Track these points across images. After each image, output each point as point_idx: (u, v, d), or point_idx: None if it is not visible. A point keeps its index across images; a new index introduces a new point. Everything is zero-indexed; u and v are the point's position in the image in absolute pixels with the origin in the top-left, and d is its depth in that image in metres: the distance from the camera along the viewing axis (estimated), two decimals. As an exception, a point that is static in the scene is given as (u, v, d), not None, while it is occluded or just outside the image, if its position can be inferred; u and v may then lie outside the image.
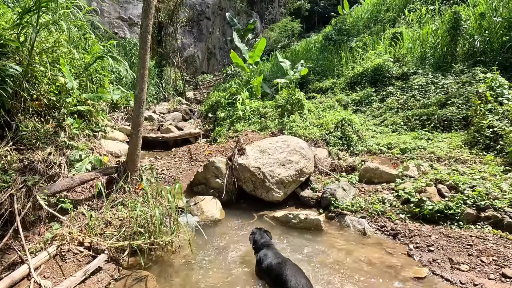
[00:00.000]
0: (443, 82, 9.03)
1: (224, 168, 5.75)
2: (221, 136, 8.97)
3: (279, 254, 3.29)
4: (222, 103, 11.06)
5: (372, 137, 7.99)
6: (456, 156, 5.85)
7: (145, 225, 3.82)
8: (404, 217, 4.51)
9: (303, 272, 2.96)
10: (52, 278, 2.99)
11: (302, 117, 8.77)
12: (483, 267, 3.23)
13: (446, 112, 7.73)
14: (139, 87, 4.36)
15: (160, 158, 7.87)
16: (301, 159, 5.86)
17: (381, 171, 5.71)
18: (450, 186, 4.71)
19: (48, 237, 3.30)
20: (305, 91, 12.27)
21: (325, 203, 5.25)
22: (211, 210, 5.15)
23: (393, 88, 9.95)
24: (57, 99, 4.71)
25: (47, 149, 4.11)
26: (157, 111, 14.48)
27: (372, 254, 3.82)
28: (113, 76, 10.73)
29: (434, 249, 3.70)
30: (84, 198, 4.32)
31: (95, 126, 5.59)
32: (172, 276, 3.44)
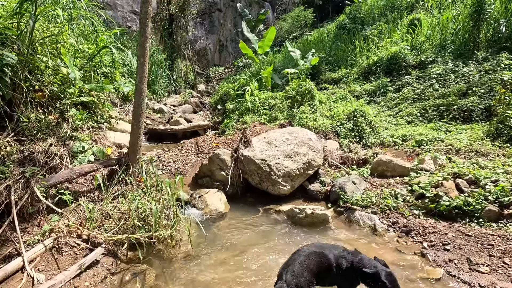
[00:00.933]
0: (464, 71, 8.47)
1: (229, 160, 5.59)
2: (229, 128, 8.82)
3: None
4: (231, 94, 10.87)
5: (386, 128, 7.62)
6: (477, 148, 5.45)
7: (144, 218, 3.72)
8: (418, 213, 4.22)
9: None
10: (47, 271, 2.94)
11: (313, 108, 8.47)
12: (505, 270, 2.94)
13: (467, 102, 7.24)
14: (139, 76, 4.23)
15: (168, 150, 7.81)
16: (309, 151, 5.62)
17: (395, 164, 5.39)
18: (469, 181, 4.37)
19: (46, 229, 3.26)
20: (316, 82, 11.89)
21: (334, 197, 5.01)
22: (216, 203, 5.02)
23: (409, 77, 9.45)
24: (60, 90, 4.66)
25: (48, 140, 4.07)
26: (168, 104, 14.48)
27: (382, 253, 3.58)
28: (125, 69, 10.75)
29: (450, 248, 3.42)
30: (85, 190, 4.28)
31: (99, 117, 5.54)
32: (171, 271, 3.34)
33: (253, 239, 4.05)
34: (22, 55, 3.82)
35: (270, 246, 3.83)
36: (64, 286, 2.83)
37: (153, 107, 12.83)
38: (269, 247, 3.80)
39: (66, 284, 2.87)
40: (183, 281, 3.18)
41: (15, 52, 3.76)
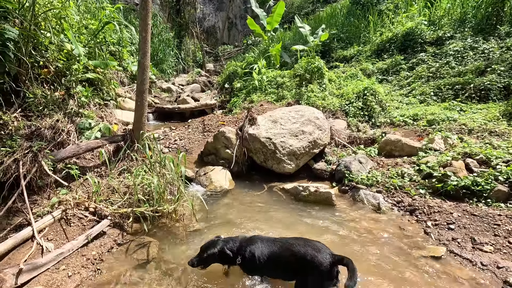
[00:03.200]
0: (484, 47, 8.01)
1: (234, 138, 5.58)
2: (236, 107, 8.74)
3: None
4: (238, 73, 10.69)
5: (397, 108, 7.39)
6: (491, 128, 5.23)
7: (149, 193, 3.80)
8: (424, 192, 4.14)
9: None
10: (55, 240, 3.07)
11: (321, 87, 8.26)
12: (510, 249, 2.88)
13: (484, 81, 6.89)
14: (141, 52, 4.17)
15: (175, 129, 7.86)
16: (315, 129, 5.53)
17: (403, 143, 5.26)
18: (480, 161, 4.23)
19: (54, 201, 3.38)
20: (327, 60, 11.53)
21: (339, 176, 4.97)
22: (220, 180, 5.06)
23: (425, 55, 9.02)
24: (65, 66, 4.66)
25: (55, 116, 4.12)
26: (176, 83, 14.44)
27: (385, 231, 3.57)
28: (132, 48, 10.65)
29: (454, 227, 3.36)
30: (93, 165, 4.37)
31: (106, 95, 5.55)
32: (174, 243, 3.43)
33: (255, 215, 4.09)
34: (24, 30, 3.80)
35: (272, 222, 3.87)
36: (72, 254, 2.96)
37: (161, 86, 12.81)
38: (271, 223, 3.84)
39: (74, 253, 3.00)
40: (187, 252, 3.26)
41: (18, 27, 3.74)
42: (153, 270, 2.98)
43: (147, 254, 3.20)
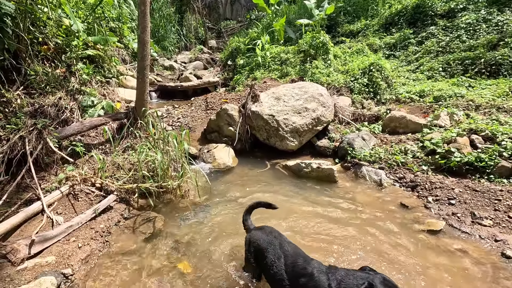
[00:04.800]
0: (498, 19, 7.66)
1: (237, 115, 5.56)
2: (240, 85, 8.62)
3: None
4: (241, 49, 10.44)
5: (403, 84, 7.23)
6: (499, 104, 5.11)
7: (153, 169, 3.86)
8: (427, 169, 4.14)
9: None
10: (64, 214, 3.18)
11: (326, 63, 8.06)
12: (509, 223, 2.92)
13: (496, 55, 6.65)
14: (141, 26, 4.07)
15: (178, 107, 7.83)
16: (319, 106, 5.47)
17: (408, 120, 5.20)
18: (486, 137, 4.17)
19: (62, 177, 3.46)
20: (333, 35, 11.16)
21: (342, 153, 4.98)
22: (224, 157, 5.11)
23: (435, 28, 8.67)
24: (65, 43, 4.59)
25: (57, 94, 4.12)
26: (179, 60, 14.20)
27: (385, 206, 3.62)
28: (133, 24, 10.40)
29: (455, 202, 3.39)
30: (97, 143, 4.43)
31: (107, 72, 5.50)
32: (179, 218, 3.53)
33: (259, 191, 4.16)
34: (21, 5, 3.71)
35: (274, 198, 3.93)
36: (81, 227, 3.08)
37: (163, 63, 12.62)
38: (274, 199, 3.91)
39: (83, 226, 3.11)
40: (191, 226, 3.37)
41: (14, 1, 3.65)
42: (159, 242, 3.09)
43: (153, 228, 3.31)
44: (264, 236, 2.31)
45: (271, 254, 2.15)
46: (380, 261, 2.68)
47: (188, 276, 2.61)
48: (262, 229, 2.44)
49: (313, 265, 1.97)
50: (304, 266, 1.98)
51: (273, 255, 2.14)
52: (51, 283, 2.25)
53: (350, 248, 2.87)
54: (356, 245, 2.91)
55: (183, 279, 2.58)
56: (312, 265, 1.97)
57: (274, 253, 2.15)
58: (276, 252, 2.15)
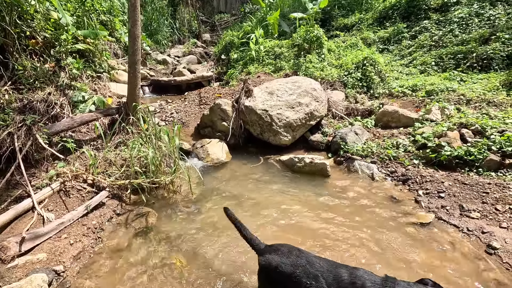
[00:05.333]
0: (490, 13, 7.71)
1: (230, 110, 5.54)
2: (233, 79, 8.57)
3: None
4: (235, 43, 10.36)
5: (396, 78, 7.26)
6: (489, 98, 5.17)
7: (146, 165, 3.84)
8: (418, 163, 4.20)
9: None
10: (56, 211, 3.16)
11: (320, 57, 8.04)
12: (496, 215, 2.98)
13: (488, 49, 6.71)
14: (131, 20, 4.00)
15: (171, 102, 7.77)
16: (312, 101, 5.47)
17: (400, 114, 5.24)
18: (475, 131, 4.23)
19: (52, 174, 3.43)
20: (327, 28, 11.12)
21: (335, 148, 5.01)
22: (217, 152, 5.11)
23: (428, 22, 8.70)
24: (53, 37, 4.50)
25: (46, 89, 4.06)
26: (172, 55, 14.03)
27: (377, 199, 3.67)
28: (125, 17, 10.21)
29: (445, 195, 3.45)
30: (89, 139, 4.38)
31: (98, 67, 5.42)
32: (172, 213, 3.54)
33: (252, 186, 4.18)
34: (7, -3, 3.62)
35: (267, 193, 3.96)
36: (72, 224, 3.06)
37: (156, 58, 12.46)
38: (266, 194, 3.93)
39: (75, 223, 3.10)
40: (183, 221, 3.38)
41: (-1, -6, 3.56)
42: (152, 238, 3.09)
43: (145, 223, 3.31)
44: (285, 260, 1.89)
45: (304, 277, 1.77)
46: (370, 253, 2.72)
47: (180, 271, 2.63)
48: (277, 252, 1.96)
49: (363, 277, 1.67)
50: (352, 280, 1.68)
51: (307, 277, 1.76)
52: (42, 280, 2.24)
53: (341, 241, 2.91)
54: (347, 238, 2.95)
55: (176, 275, 2.60)
56: (362, 277, 1.67)
57: (306, 275, 1.77)
58: (308, 272, 1.78)
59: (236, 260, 2.72)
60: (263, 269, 1.96)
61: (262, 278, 1.99)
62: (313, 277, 1.75)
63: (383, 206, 3.52)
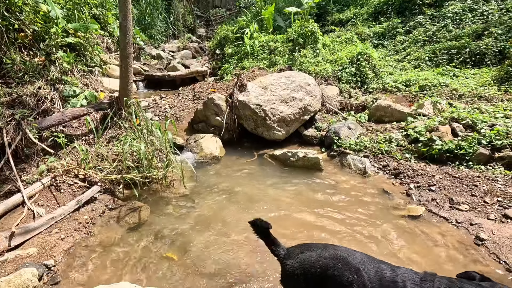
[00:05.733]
0: (483, 9, 7.77)
1: (224, 105, 5.52)
2: (228, 74, 8.53)
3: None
4: (230, 38, 10.28)
5: (390, 73, 7.28)
6: (481, 93, 5.23)
7: (138, 160, 3.82)
8: (410, 157, 4.24)
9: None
10: (46, 206, 3.14)
11: (315, 52, 8.03)
12: (484, 208, 3.03)
13: (481, 45, 6.76)
14: (122, 14, 3.94)
15: (165, 97, 7.71)
16: (306, 96, 5.47)
17: (393, 109, 5.27)
18: (466, 125, 4.28)
19: (43, 168, 3.40)
20: (322, 23, 11.11)
21: (328, 142, 5.03)
22: (211, 147, 5.09)
23: (422, 17, 8.74)
24: (43, 30, 4.42)
25: (36, 83, 4.00)
26: (166, 49, 13.90)
27: (369, 193, 3.70)
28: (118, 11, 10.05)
29: (435, 189, 3.49)
30: (81, 134, 4.35)
31: (90, 61, 5.35)
32: (165, 207, 3.53)
33: (245, 180, 4.19)
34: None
35: (260, 187, 3.97)
36: (63, 219, 3.05)
37: (150, 52, 12.34)
38: (259, 188, 3.95)
39: (66, 217, 3.08)
40: (176, 216, 3.38)
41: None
42: (144, 232, 3.09)
43: (138, 218, 3.30)
44: (324, 253, 1.74)
45: (346, 270, 1.63)
46: (360, 245, 2.75)
47: (173, 266, 2.63)
48: (310, 249, 1.81)
49: (404, 276, 1.57)
50: (394, 278, 1.57)
51: (349, 270, 1.62)
52: (32, 274, 2.23)
53: (332, 233, 2.94)
54: (338, 231, 2.98)
55: (168, 269, 2.60)
56: (403, 276, 1.57)
57: (348, 268, 1.63)
58: (350, 265, 1.64)
59: (228, 254, 2.73)
60: (293, 272, 1.76)
61: (294, 282, 1.78)
62: (355, 271, 1.61)
63: (374, 199, 3.56)
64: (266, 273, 2.48)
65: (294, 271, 1.75)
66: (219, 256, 2.72)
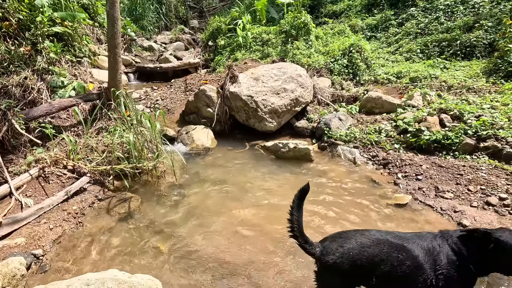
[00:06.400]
0: (475, 1, 7.80)
1: (215, 97, 5.49)
2: (220, 66, 8.47)
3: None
4: (222, 29, 10.16)
5: (382, 65, 7.31)
6: (470, 85, 5.29)
7: (128, 151, 3.80)
8: (399, 147, 4.30)
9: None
10: (35, 197, 3.12)
11: (308, 44, 8.00)
12: (468, 196, 3.11)
13: (471, 37, 6.82)
14: (109, 2, 3.87)
15: (157, 89, 7.65)
16: (297, 87, 5.47)
17: (383, 100, 5.31)
18: (454, 116, 4.34)
19: (30, 160, 3.36)
20: (316, 15, 11.05)
21: (319, 133, 5.06)
22: (202, 139, 5.09)
23: (415, 9, 8.74)
24: (28, 19, 4.32)
25: (22, 73, 3.92)
26: (158, 41, 13.69)
27: (357, 182, 3.75)
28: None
29: (422, 178, 3.56)
30: (69, 125, 4.30)
31: (78, 51, 5.25)
32: (156, 197, 3.54)
33: (236, 171, 4.21)
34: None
35: (251, 178, 3.99)
36: (52, 209, 3.04)
37: (142, 44, 12.16)
38: (251, 178, 3.97)
39: (55, 208, 3.07)
40: (166, 205, 3.39)
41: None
42: (134, 222, 3.10)
43: (128, 208, 3.31)
44: (364, 240, 1.72)
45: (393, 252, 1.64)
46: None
47: (162, 255, 2.65)
48: (347, 239, 1.77)
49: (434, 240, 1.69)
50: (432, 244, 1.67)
51: (396, 251, 1.65)
52: (20, 263, 2.23)
53: (320, 220, 2.98)
54: (325, 217, 3.03)
55: (158, 258, 2.62)
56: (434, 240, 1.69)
57: (394, 248, 1.66)
58: (395, 245, 1.67)
59: (218, 244, 2.76)
60: (337, 268, 1.68)
61: (339, 279, 1.73)
62: (401, 248, 1.64)
63: (363, 189, 3.61)
64: (255, 262, 2.52)
65: (338, 267, 1.67)
66: (208, 245, 2.75)
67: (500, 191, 3.06)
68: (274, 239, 2.77)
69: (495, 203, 2.91)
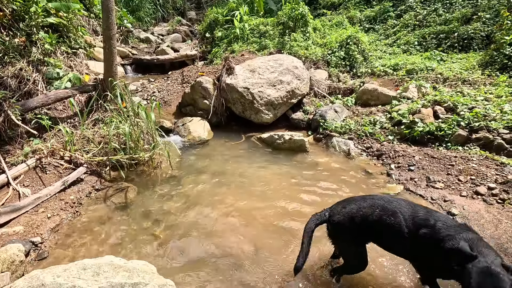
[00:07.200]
0: (474, -8, 7.74)
1: (212, 88, 5.50)
2: (218, 58, 8.43)
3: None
4: (220, 21, 10.09)
5: (379, 58, 7.31)
6: (465, 77, 5.32)
7: (125, 142, 3.83)
8: (393, 138, 4.35)
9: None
10: (32, 187, 3.16)
11: (305, 36, 7.96)
12: (458, 185, 3.17)
13: (469, 29, 6.80)
14: (104, -8, 3.85)
15: (154, 81, 7.62)
16: (293, 79, 5.49)
17: (379, 92, 5.34)
18: (448, 108, 4.38)
19: (27, 150, 3.39)
20: (314, 7, 10.97)
21: (315, 125, 5.10)
22: (199, 130, 5.12)
23: (413, 1, 8.68)
24: (22, 9, 4.29)
25: (17, 64, 3.92)
26: (156, 33, 13.56)
27: (351, 173, 3.81)
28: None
29: (414, 168, 3.62)
30: (66, 116, 4.32)
31: (73, 43, 5.23)
32: (152, 188, 3.59)
33: (232, 162, 4.25)
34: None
35: (247, 168, 4.04)
36: (50, 199, 3.08)
37: (139, 36, 12.05)
38: (246, 169, 4.02)
39: (52, 198, 3.12)
40: (163, 196, 3.44)
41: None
42: (131, 211, 3.15)
43: (125, 198, 3.36)
44: (363, 204, 1.99)
45: (384, 215, 1.88)
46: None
47: (158, 243, 2.71)
48: (351, 203, 2.06)
49: (437, 218, 1.78)
50: (427, 217, 1.80)
51: (386, 214, 1.88)
52: (18, 249, 2.29)
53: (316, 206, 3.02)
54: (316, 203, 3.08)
55: (154, 247, 2.68)
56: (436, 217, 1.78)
57: (385, 212, 1.89)
58: (387, 209, 1.90)
59: (212, 233, 2.82)
60: (339, 225, 2.00)
61: (341, 232, 2.04)
62: (392, 214, 1.88)
63: (357, 179, 3.67)
64: (247, 251, 2.58)
65: (339, 225, 2.01)
66: (203, 235, 2.81)
67: (489, 181, 3.12)
68: (266, 226, 2.84)
69: (483, 193, 2.97)
